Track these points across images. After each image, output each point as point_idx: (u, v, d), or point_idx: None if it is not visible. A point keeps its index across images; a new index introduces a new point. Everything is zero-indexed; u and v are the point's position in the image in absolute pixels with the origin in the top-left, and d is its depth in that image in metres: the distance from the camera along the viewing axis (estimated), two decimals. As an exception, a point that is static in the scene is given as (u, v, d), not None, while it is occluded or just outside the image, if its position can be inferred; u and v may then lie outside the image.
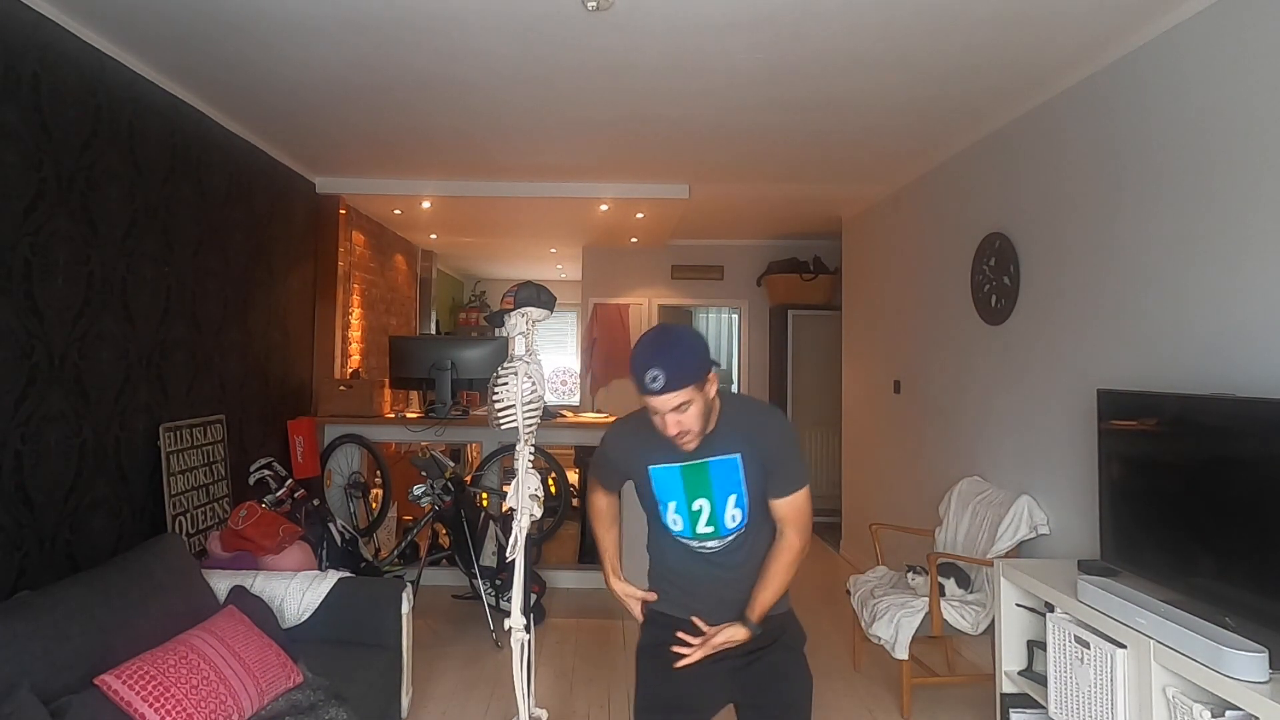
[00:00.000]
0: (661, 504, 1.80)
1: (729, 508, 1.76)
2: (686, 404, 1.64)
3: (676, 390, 1.61)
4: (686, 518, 1.78)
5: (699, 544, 1.81)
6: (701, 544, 1.80)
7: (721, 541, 1.79)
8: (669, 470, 1.77)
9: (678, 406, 1.63)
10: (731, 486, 1.76)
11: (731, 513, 1.77)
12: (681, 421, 1.65)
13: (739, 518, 1.78)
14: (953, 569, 3.28)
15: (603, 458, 1.93)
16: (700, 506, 1.76)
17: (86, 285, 2.75)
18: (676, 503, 1.78)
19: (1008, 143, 3.53)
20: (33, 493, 2.48)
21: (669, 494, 1.78)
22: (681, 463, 1.75)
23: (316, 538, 3.75)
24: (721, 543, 1.80)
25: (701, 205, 5.42)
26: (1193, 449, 2.18)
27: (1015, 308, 3.42)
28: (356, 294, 5.67)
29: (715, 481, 1.76)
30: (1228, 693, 1.73)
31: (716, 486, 1.76)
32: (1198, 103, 2.42)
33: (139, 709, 1.87)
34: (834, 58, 2.88)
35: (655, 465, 1.78)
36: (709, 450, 1.74)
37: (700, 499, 1.76)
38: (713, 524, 1.77)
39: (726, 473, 1.75)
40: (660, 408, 1.63)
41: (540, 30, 2.68)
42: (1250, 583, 1.93)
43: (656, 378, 1.60)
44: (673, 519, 1.80)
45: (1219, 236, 2.33)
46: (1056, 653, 2.36)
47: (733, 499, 1.76)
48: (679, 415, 1.64)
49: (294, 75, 3.14)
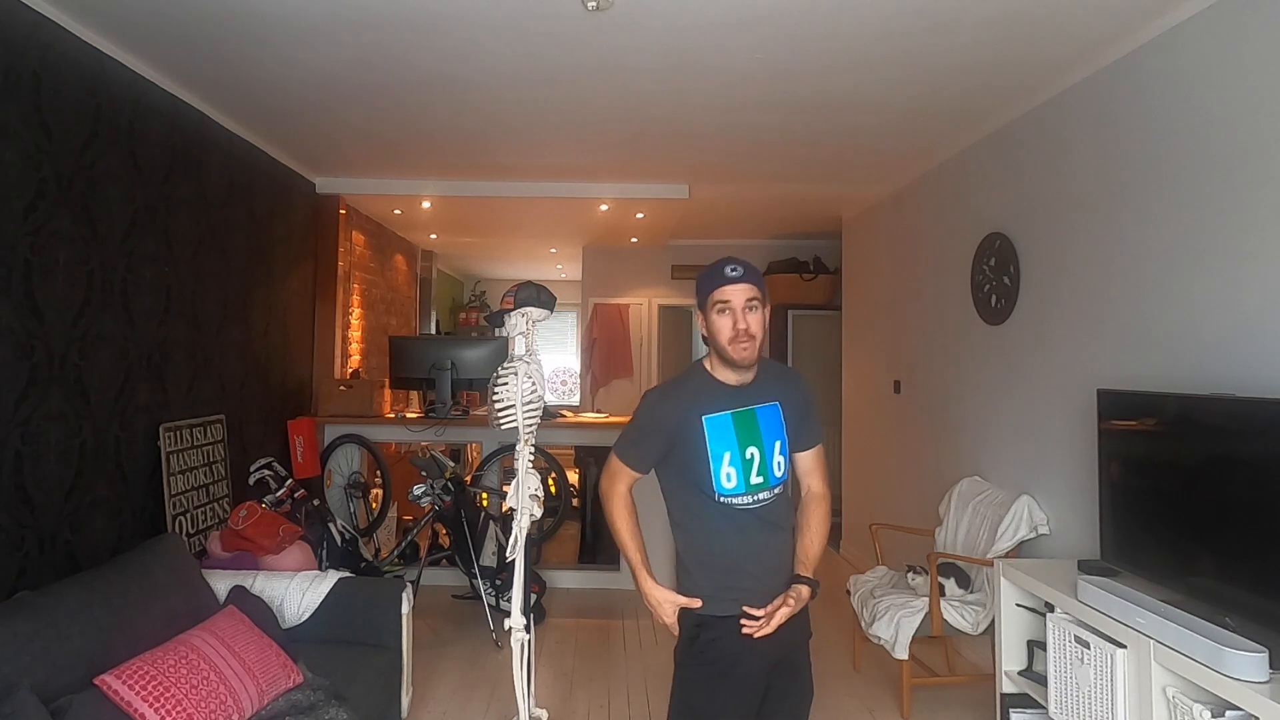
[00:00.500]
0: (714, 458, 1.77)
1: (775, 454, 1.81)
2: (756, 303, 1.74)
3: (752, 283, 1.74)
4: (740, 468, 1.78)
5: (752, 499, 1.79)
6: (755, 497, 1.80)
7: (771, 493, 1.81)
8: (722, 419, 1.78)
9: (749, 301, 1.73)
10: (777, 433, 1.82)
11: (778, 459, 1.81)
12: (750, 322, 1.73)
13: (783, 465, 1.83)
14: (953, 569, 3.28)
15: (640, 429, 1.87)
16: (752, 455, 1.78)
17: (86, 285, 2.74)
18: (731, 453, 1.77)
19: (1008, 143, 3.53)
20: (33, 492, 2.48)
21: (723, 444, 1.78)
22: (733, 409, 1.79)
23: (316, 538, 3.75)
24: (771, 494, 1.81)
25: (701, 205, 5.42)
26: (1193, 449, 2.18)
27: (1015, 308, 3.42)
28: (356, 294, 5.67)
29: (764, 427, 1.80)
30: (1228, 693, 1.73)
31: (766, 432, 1.80)
32: (1198, 103, 2.42)
33: (139, 709, 1.87)
34: (834, 58, 2.88)
35: (709, 414, 1.78)
36: (753, 398, 1.81)
37: (751, 446, 1.78)
38: (763, 473, 1.79)
39: (771, 419, 1.82)
40: (734, 299, 1.73)
41: (540, 30, 2.68)
42: (1250, 582, 1.93)
43: (736, 268, 1.74)
44: (726, 474, 1.78)
45: (1219, 236, 2.33)
46: (1056, 653, 2.36)
47: (778, 445, 1.82)
48: (748, 314, 1.73)
49: (294, 75, 3.14)
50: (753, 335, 1.74)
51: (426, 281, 7.82)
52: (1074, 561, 2.64)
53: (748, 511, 1.80)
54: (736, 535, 1.81)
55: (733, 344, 1.74)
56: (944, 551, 3.44)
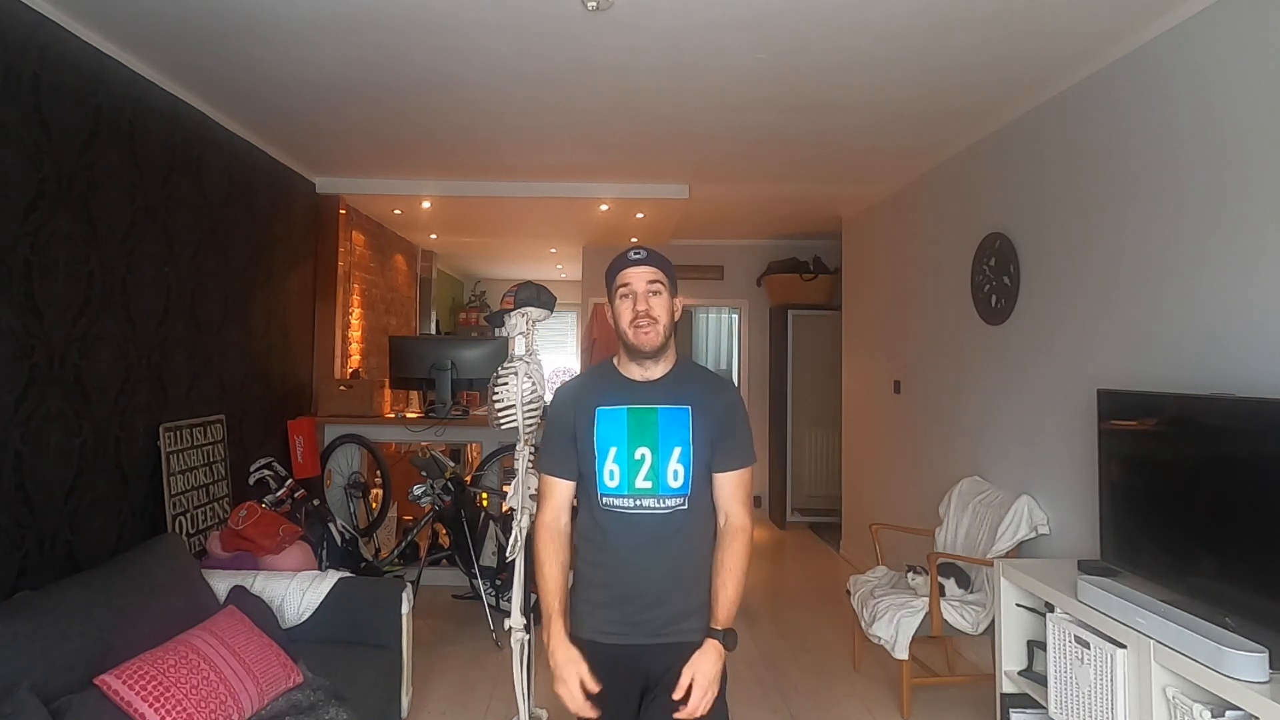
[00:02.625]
0: (600, 453, 1.69)
1: (672, 461, 1.68)
2: (660, 287, 1.69)
3: (655, 266, 1.70)
4: (625, 466, 1.67)
5: (634, 502, 1.68)
6: (638, 502, 1.67)
7: (661, 502, 1.68)
8: (616, 413, 1.70)
9: (651, 284, 1.69)
10: (678, 439, 1.69)
11: (674, 468, 1.67)
12: (651, 304, 1.67)
13: (681, 476, 1.68)
14: (953, 569, 3.28)
15: (548, 430, 1.79)
16: (643, 455, 1.67)
17: (86, 285, 2.74)
18: (618, 449, 1.68)
19: (1008, 143, 3.53)
20: (33, 492, 2.48)
21: (611, 438, 1.69)
22: (631, 404, 1.71)
23: (316, 538, 3.75)
24: (661, 503, 1.68)
25: (701, 205, 5.42)
26: (1193, 449, 2.18)
27: (1015, 308, 3.42)
28: (356, 294, 5.67)
29: (662, 429, 1.69)
30: (1228, 693, 1.73)
31: (663, 435, 1.68)
32: (1199, 102, 2.42)
33: (139, 709, 1.87)
34: (834, 57, 2.88)
35: (604, 406, 1.71)
36: (658, 397, 1.71)
37: (643, 446, 1.68)
38: (652, 478, 1.67)
39: (675, 423, 1.70)
40: (635, 281, 1.69)
41: (540, 30, 2.68)
42: (1250, 582, 1.93)
43: (639, 252, 1.71)
44: (610, 470, 1.68)
45: (1220, 236, 2.33)
46: (1056, 653, 2.36)
47: (677, 452, 1.68)
48: (651, 297, 1.68)
49: (294, 75, 3.14)
50: (654, 318, 1.67)
51: (426, 281, 7.82)
52: (1074, 561, 2.64)
53: (628, 516, 1.68)
54: (616, 541, 1.70)
55: (633, 326, 1.67)
56: (944, 551, 3.44)
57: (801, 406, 6.69)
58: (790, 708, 3.22)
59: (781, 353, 6.77)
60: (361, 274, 5.80)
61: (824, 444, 6.58)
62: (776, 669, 3.62)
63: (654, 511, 1.68)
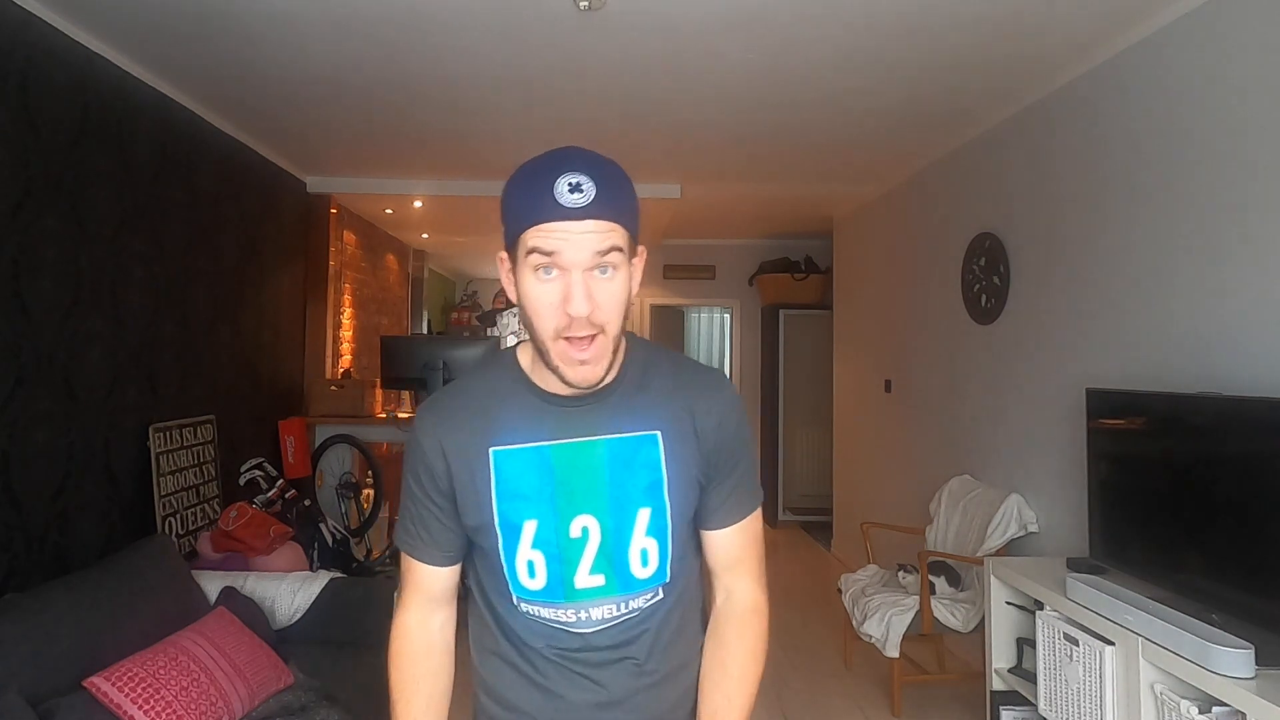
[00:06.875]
0: (505, 531, 0.96)
1: (637, 533, 0.96)
2: (617, 256, 0.89)
3: (607, 219, 0.87)
4: (555, 553, 0.96)
5: (577, 614, 0.98)
6: (584, 613, 0.97)
7: (623, 607, 0.98)
8: (522, 455, 0.96)
9: (601, 253, 0.88)
10: (646, 491, 0.97)
11: (642, 544, 0.97)
12: (595, 295, 0.88)
13: (657, 558, 0.98)
14: (943, 567, 3.30)
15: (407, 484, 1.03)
16: (585, 529, 0.96)
17: (75, 285, 2.73)
18: (538, 522, 0.96)
19: (997, 143, 3.55)
20: (21, 494, 2.46)
21: (522, 506, 0.96)
22: (551, 440, 0.96)
23: (308, 538, 3.73)
24: (623, 610, 0.98)
25: (693, 205, 5.42)
26: (1180, 447, 2.20)
27: (1005, 307, 3.44)
28: (348, 293, 5.65)
29: (614, 478, 0.96)
30: (1214, 689, 1.75)
31: (618, 488, 0.96)
32: (1183, 104, 2.44)
33: (129, 711, 1.86)
34: (824, 59, 2.89)
35: (499, 447, 0.96)
36: (600, 421, 0.96)
37: (584, 515, 0.96)
38: (606, 569, 0.97)
39: (636, 463, 0.96)
40: (569, 248, 0.87)
41: (532, 29, 2.68)
42: (1236, 580, 1.95)
43: (580, 185, 0.86)
44: (526, 561, 0.96)
45: (1205, 236, 2.35)
46: (1046, 650, 2.38)
47: (645, 516, 0.96)
48: (596, 279, 0.88)
49: (285, 74, 3.12)
50: (599, 324, 0.89)
51: (418, 281, 7.79)
52: (1063, 559, 2.65)
53: (567, 635, 0.99)
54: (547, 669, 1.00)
55: (564, 340, 0.90)
56: (935, 550, 3.46)
57: (793, 406, 6.71)
58: (782, 705, 3.23)
59: (773, 352, 6.79)
60: (353, 273, 5.78)
61: (815, 443, 6.60)
62: (768, 667, 3.62)
63: (612, 623, 0.99)
